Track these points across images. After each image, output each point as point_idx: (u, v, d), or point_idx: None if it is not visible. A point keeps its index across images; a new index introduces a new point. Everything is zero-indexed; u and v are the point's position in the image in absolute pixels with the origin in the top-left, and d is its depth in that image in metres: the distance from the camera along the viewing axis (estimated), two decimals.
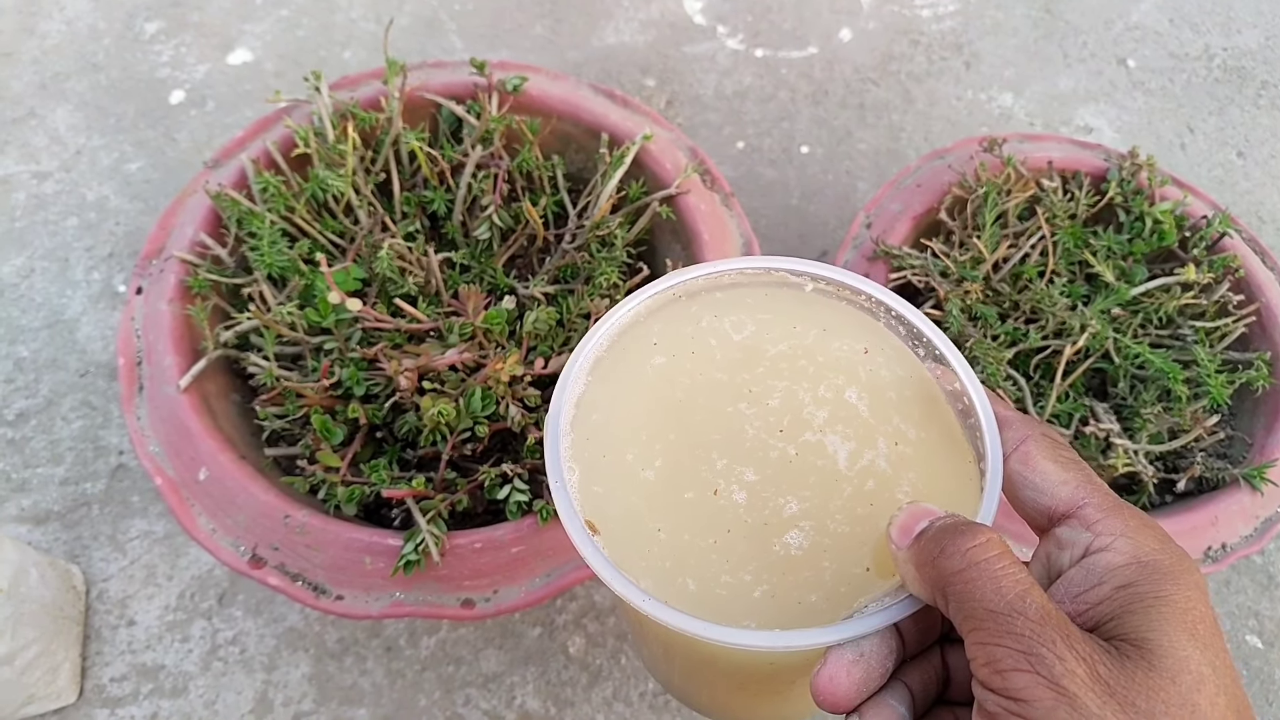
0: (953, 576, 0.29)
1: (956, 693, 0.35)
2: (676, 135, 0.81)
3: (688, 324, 0.42)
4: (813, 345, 0.41)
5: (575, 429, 0.38)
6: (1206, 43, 1.28)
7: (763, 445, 0.38)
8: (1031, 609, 0.28)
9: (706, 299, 0.43)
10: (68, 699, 0.77)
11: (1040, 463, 0.35)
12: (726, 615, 0.34)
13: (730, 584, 0.35)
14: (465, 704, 0.79)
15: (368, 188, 0.74)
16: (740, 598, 0.34)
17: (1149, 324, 0.77)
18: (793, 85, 1.19)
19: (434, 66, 0.82)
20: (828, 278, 0.42)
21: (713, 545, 0.35)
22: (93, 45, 1.18)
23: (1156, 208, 0.80)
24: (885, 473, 0.37)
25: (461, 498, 0.62)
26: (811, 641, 0.32)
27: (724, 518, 0.36)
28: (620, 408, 0.39)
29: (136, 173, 1.07)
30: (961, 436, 0.39)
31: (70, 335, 0.96)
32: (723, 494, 0.37)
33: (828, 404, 0.39)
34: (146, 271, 0.71)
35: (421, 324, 0.66)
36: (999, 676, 0.27)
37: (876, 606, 0.33)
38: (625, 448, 0.38)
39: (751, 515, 0.36)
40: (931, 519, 0.32)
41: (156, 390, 0.65)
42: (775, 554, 0.35)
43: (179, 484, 0.63)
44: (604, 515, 0.36)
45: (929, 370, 0.40)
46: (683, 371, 0.40)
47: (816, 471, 0.37)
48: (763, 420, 0.39)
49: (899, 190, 0.85)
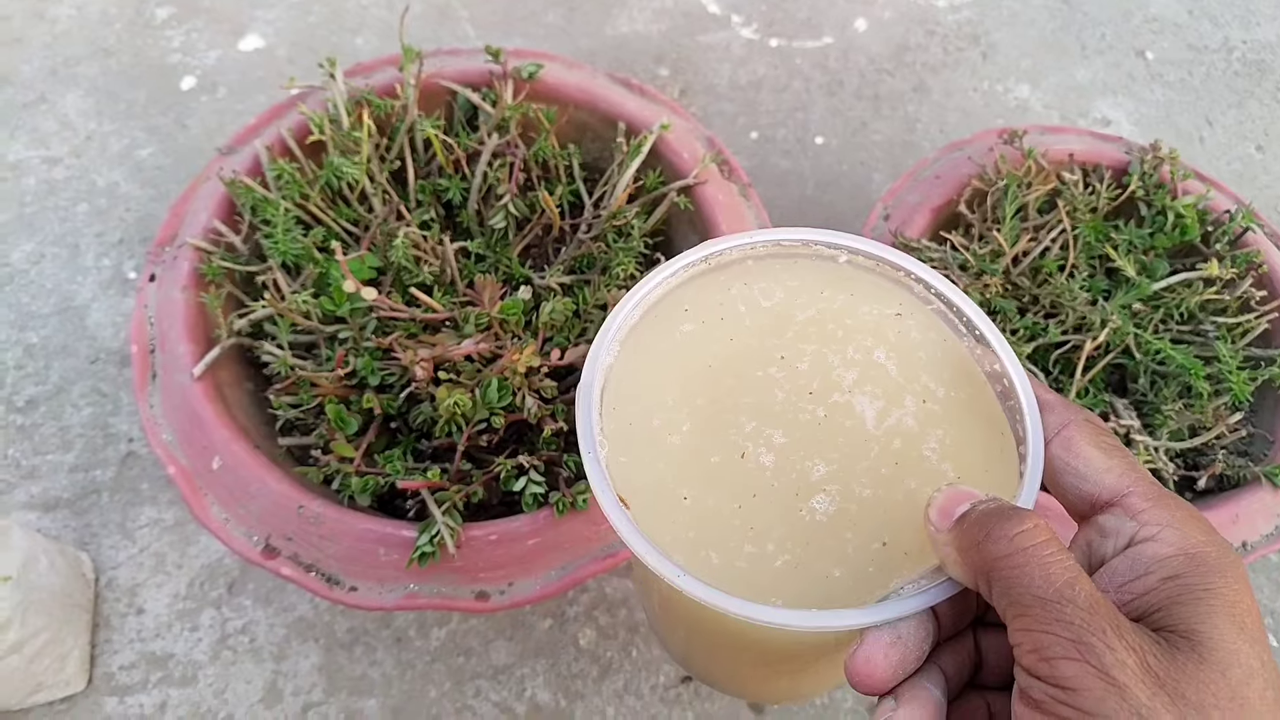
0: (999, 562, 0.29)
1: (989, 677, 0.35)
2: (694, 125, 0.80)
3: (718, 292, 0.41)
4: (841, 309, 0.41)
5: (604, 399, 0.38)
6: (1226, 35, 1.26)
7: (792, 408, 0.38)
8: (1081, 597, 0.27)
9: (738, 269, 0.42)
10: (76, 687, 0.76)
11: (1083, 448, 0.34)
12: (750, 588, 0.33)
13: (753, 554, 0.34)
14: (475, 695, 0.78)
15: (383, 175, 0.73)
16: (763, 570, 0.34)
17: (1170, 319, 0.76)
18: (807, 75, 1.18)
19: (449, 54, 0.81)
20: (866, 251, 0.42)
21: (737, 510, 0.35)
22: (104, 30, 1.17)
23: (1179, 202, 0.79)
24: (912, 430, 0.37)
25: (477, 489, 0.61)
26: (850, 623, 0.32)
27: (750, 481, 0.36)
28: (649, 375, 0.39)
29: (147, 159, 1.06)
30: (997, 408, 0.38)
31: (80, 322, 0.95)
32: (750, 457, 0.36)
33: (856, 365, 0.39)
34: (160, 258, 0.70)
35: (437, 313, 0.65)
36: (1046, 664, 0.27)
37: (913, 589, 0.33)
38: (652, 414, 0.38)
39: (778, 479, 0.36)
40: (973, 501, 0.32)
41: (170, 378, 0.64)
42: (801, 519, 0.35)
43: (192, 473, 0.62)
44: (631, 485, 0.35)
45: (965, 347, 0.40)
46: (712, 338, 0.40)
47: (845, 432, 0.37)
48: (792, 383, 0.38)
49: (917, 182, 0.84)
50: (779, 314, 0.41)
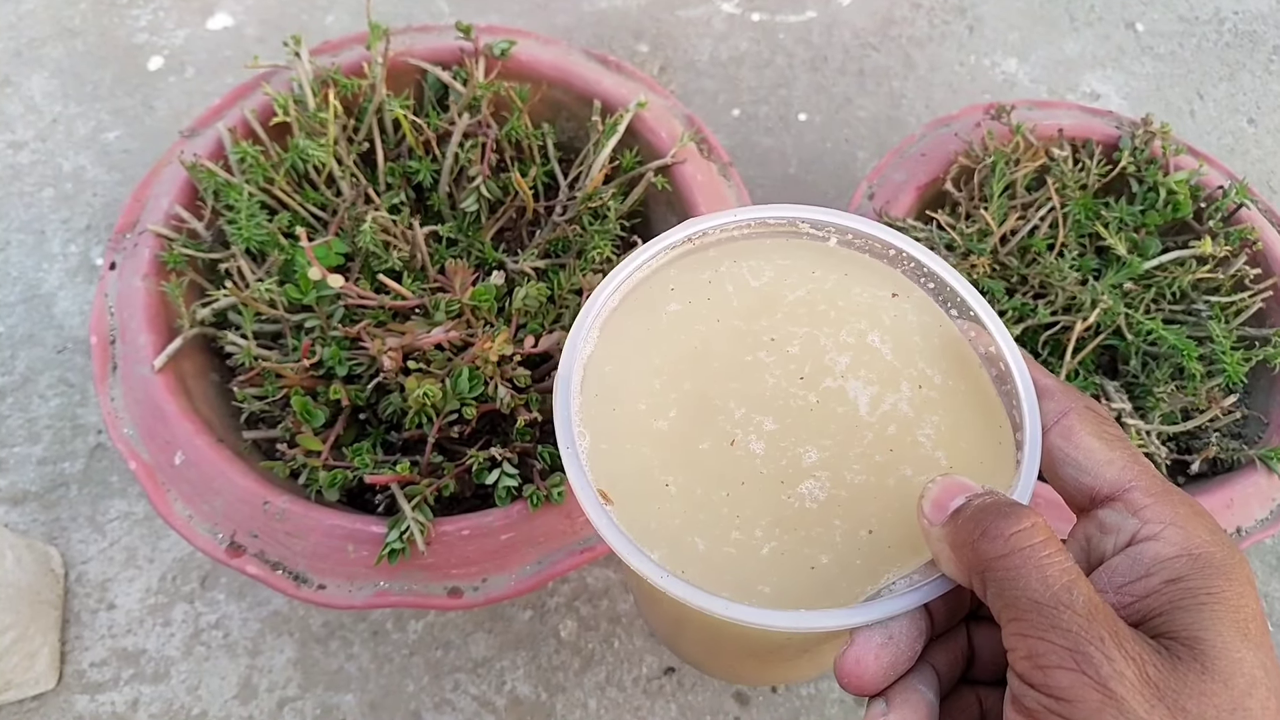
0: (994, 562, 0.28)
1: (981, 671, 0.34)
2: (672, 103, 0.78)
3: (705, 270, 0.40)
4: (833, 290, 0.39)
5: (585, 388, 0.36)
6: (1217, 6, 1.24)
7: (783, 393, 0.36)
8: (1079, 602, 0.26)
9: (727, 246, 0.41)
10: (47, 685, 0.75)
11: (1084, 439, 0.32)
12: (736, 576, 0.32)
13: (740, 541, 0.33)
14: (454, 689, 0.77)
15: (350, 158, 0.71)
16: (750, 556, 0.33)
17: (1162, 299, 0.74)
18: (790, 51, 1.16)
19: (419, 31, 0.78)
20: (855, 229, 0.40)
21: (725, 498, 0.34)
22: (69, 10, 1.13)
23: (1171, 178, 0.77)
24: (907, 415, 0.36)
25: (448, 482, 0.59)
26: (840, 623, 0.30)
27: (739, 469, 0.35)
28: (634, 358, 0.37)
29: (114, 142, 1.04)
30: (993, 393, 0.37)
31: (47, 310, 0.93)
32: (740, 444, 0.35)
33: (850, 349, 0.38)
34: (120, 246, 0.68)
35: (406, 301, 0.63)
36: (1041, 672, 0.26)
37: (905, 585, 0.32)
38: (638, 398, 0.36)
39: (768, 466, 0.35)
40: (968, 495, 0.30)
41: (130, 370, 0.62)
42: (790, 506, 0.34)
43: (154, 468, 0.60)
44: (612, 474, 0.34)
45: (960, 329, 0.38)
46: (699, 319, 0.38)
47: (837, 419, 0.36)
48: (783, 368, 0.37)
49: (903, 159, 0.82)
50: (768, 294, 0.39)
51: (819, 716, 0.77)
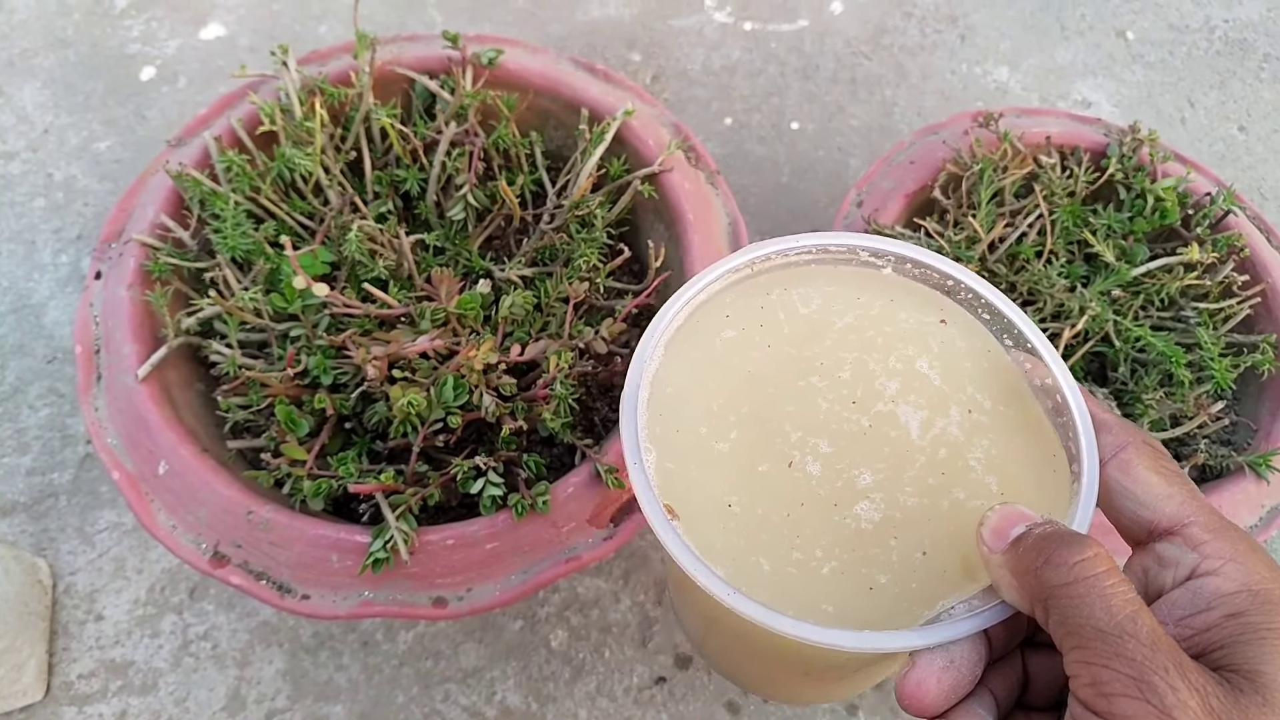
0: (1057, 590, 0.28)
1: (1034, 697, 0.34)
2: (660, 111, 0.78)
3: (757, 297, 0.41)
4: (879, 316, 0.41)
5: (650, 406, 0.38)
6: (1207, 14, 1.24)
7: (836, 417, 0.38)
8: (1143, 632, 0.26)
9: (777, 274, 0.42)
10: (34, 697, 0.74)
11: (1142, 473, 0.33)
12: (799, 596, 0.33)
13: (801, 561, 0.34)
14: (444, 700, 0.76)
15: (337, 167, 0.70)
16: (812, 576, 0.34)
17: (1150, 306, 0.74)
18: (782, 59, 1.16)
19: (407, 40, 0.78)
20: (914, 258, 0.41)
21: (785, 519, 0.35)
22: (61, 21, 1.14)
23: (1158, 185, 0.77)
24: (957, 439, 0.37)
25: (433, 491, 0.59)
26: (904, 644, 0.31)
27: (798, 490, 0.36)
28: (693, 382, 0.39)
29: (105, 152, 1.04)
30: (1044, 422, 0.37)
31: (37, 320, 0.92)
32: (797, 466, 0.36)
33: (898, 375, 0.39)
34: (106, 255, 0.67)
35: (392, 309, 0.63)
36: (1104, 700, 0.26)
37: (964, 609, 0.32)
38: (699, 422, 0.38)
39: (825, 488, 0.36)
40: (1029, 524, 0.31)
41: (115, 380, 0.62)
42: (847, 527, 0.35)
43: (138, 478, 0.60)
44: (677, 492, 0.35)
45: (1015, 360, 0.39)
46: (752, 345, 0.40)
47: (890, 442, 0.37)
48: (835, 393, 0.38)
49: (891, 167, 0.82)
50: (817, 321, 0.41)
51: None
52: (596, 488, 0.60)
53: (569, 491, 0.60)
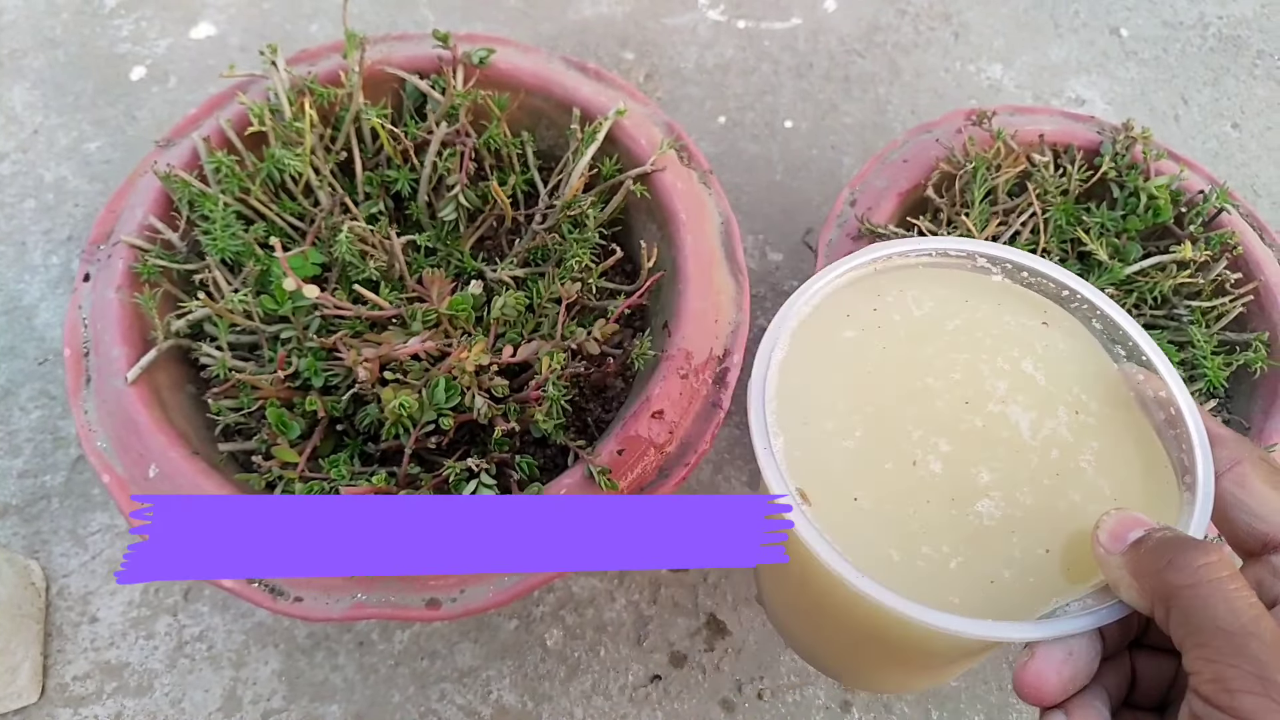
0: (1181, 590, 0.30)
1: (1141, 697, 0.36)
2: (652, 110, 0.78)
3: (873, 298, 0.43)
4: (986, 319, 0.42)
5: (778, 395, 0.39)
6: (1201, 11, 1.24)
7: (953, 417, 0.39)
8: (1266, 633, 0.28)
9: (893, 275, 0.44)
10: (29, 699, 0.74)
11: (1257, 486, 0.35)
12: (927, 588, 0.35)
13: (929, 555, 0.36)
14: (440, 699, 0.76)
15: (327, 167, 0.70)
16: (940, 569, 0.35)
17: (1143, 304, 0.74)
18: (776, 58, 1.16)
19: (397, 39, 0.78)
20: (1030, 266, 0.43)
21: (912, 515, 0.37)
22: (50, 20, 1.13)
23: (1151, 183, 0.77)
24: (1067, 441, 0.38)
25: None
26: (1028, 635, 0.33)
27: (923, 488, 0.37)
28: (817, 377, 0.40)
29: (96, 152, 1.03)
30: (1149, 428, 0.39)
31: (28, 322, 0.92)
32: (921, 464, 0.38)
33: (1006, 375, 0.40)
34: (95, 257, 0.67)
35: (383, 311, 0.63)
36: (1227, 695, 0.28)
37: (1079, 607, 0.34)
38: (824, 417, 0.39)
39: (948, 485, 0.37)
40: (1147, 529, 0.32)
41: (104, 383, 0.62)
42: (970, 524, 0.36)
43: (128, 481, 0.60)
44: (805, 483, 0.37)
45: (1127, 372, 0.41)
46: (871, 345, 0.41)
47: (1003, 443, 0.38)
48: (949, 393, 0.40)
49: (884, 165, 0.82)
50: (929, 323, 0.42)
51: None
52: (589, 489, 0.60)
53: (561, 493, 0.60)
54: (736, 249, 0.71)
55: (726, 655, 0.79)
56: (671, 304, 0.68)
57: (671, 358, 0.64)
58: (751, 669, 0.79)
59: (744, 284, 0.70)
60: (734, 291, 0.70)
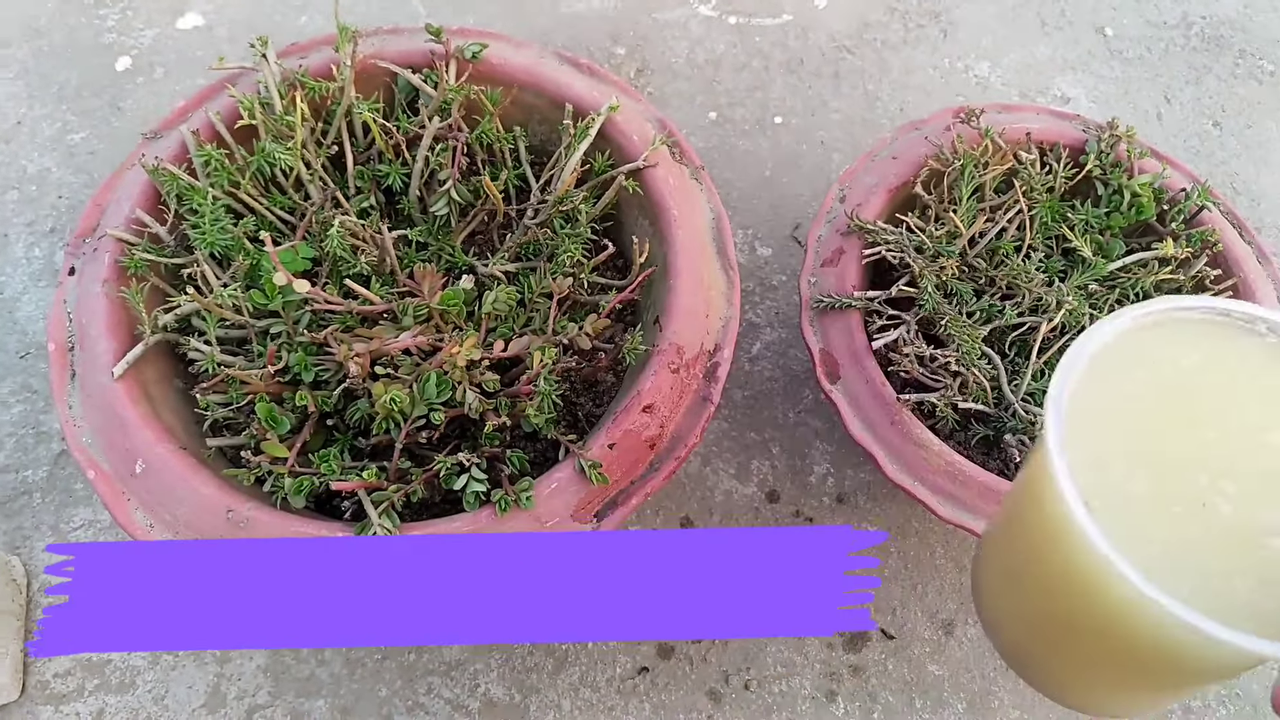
0: None
1: None
2: (644, 106, 0.78)
3: (1158, 347, 0.44)
4: (1255, 371, 0.43)
5: (1069, 416, 0.40)
6: (1185, 10, 1.25)
7: (1233, 464, 0.40)
8: None
9: (1169, 328, 0.44)
10: (10, 696, 0.74)
11: None
12: (1219, 616, 0.35)
13: (1219, 589, 0.37)
14: (427, 693, 0.76)
15: (318, 161, 0.70)
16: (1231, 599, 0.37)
17: (1126, 300, 0.75)
18: (767, 54, 1.16)
19: (389, 33, 0.78)
20: None
21: (1206, 557, 0.38)
22: (34, 9, 1.12)
23: (1135, 181, 0.78)
24: None
25: (416, 488, 0.59)
26: None
27: (1215, 528, 0.39)
28: (1103, 417, 0.42)
29: (80, 144, 1.02)
30: None
31: (10, 315, 0.91)
32: (1210, 507, 0.39)
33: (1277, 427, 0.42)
34: (80, 251, 0.67)
35: (374, 305, 0.62)
36: None
37: None
38: (1112, 460, 0.41)
39: (1238, 525, 0.39)
40: None
41: (90, 377, 0.61)
42: (1263, 559, 0.38)
43: (114, 477, 0.59)
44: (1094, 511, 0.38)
45: None
46: (1146, 395, 0.43)
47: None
48: (1227, 443, 0.41)
49: (874, 162, 0.82)
50: (1201, 374, 0.43)
51: (790, 713, 0.77)
52: (580, 483, 0.60)
53: (553, 487, 0.60)
54: (728, 244, 0.72)
55: (713, 647, 0.80)
56: (663, 299, 0.68)
57: (663, 352, 0.65)
58: (738, 660, 0.79)
59: (735, 279, 0.70)
60: (725, 286, 0.70)
